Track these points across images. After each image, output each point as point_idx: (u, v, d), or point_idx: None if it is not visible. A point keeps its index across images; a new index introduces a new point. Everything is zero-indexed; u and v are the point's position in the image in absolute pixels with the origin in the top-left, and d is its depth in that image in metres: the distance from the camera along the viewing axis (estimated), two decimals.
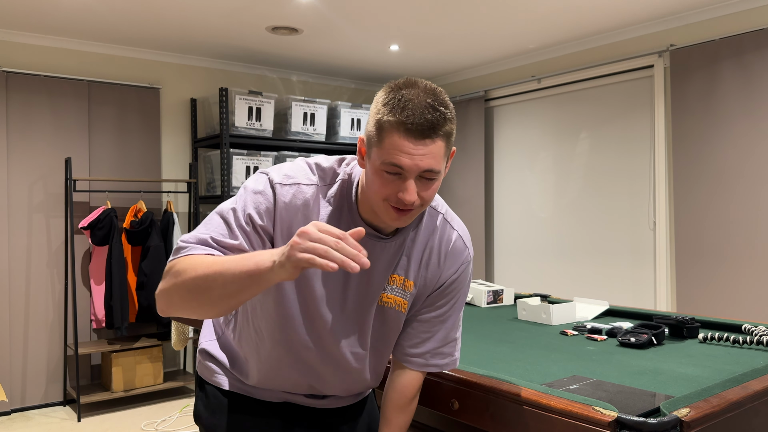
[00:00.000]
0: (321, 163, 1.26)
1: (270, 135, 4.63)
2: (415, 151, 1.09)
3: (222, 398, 1.37)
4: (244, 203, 1.20)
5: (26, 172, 4.14)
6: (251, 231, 1.18)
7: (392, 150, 1.09)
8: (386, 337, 1.35)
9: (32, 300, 4.16)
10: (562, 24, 4.01)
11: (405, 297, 1.31)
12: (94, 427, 3.83)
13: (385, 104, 1.11)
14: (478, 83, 5.25)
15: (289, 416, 1.39)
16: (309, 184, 1.22)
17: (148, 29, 4.05)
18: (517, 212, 4.99)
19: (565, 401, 1.20)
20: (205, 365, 1.41)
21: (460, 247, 1.33)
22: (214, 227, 1.18)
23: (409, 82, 1.13)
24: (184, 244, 1.16)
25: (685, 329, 1.96)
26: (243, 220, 1.18)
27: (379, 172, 1.12)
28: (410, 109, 1.08)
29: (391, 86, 1.14)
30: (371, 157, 1.14)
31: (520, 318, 2.35)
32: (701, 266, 3.73)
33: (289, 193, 1.20)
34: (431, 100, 1.10)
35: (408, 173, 1.11)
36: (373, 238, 1.24)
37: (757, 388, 1.32)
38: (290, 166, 1.25)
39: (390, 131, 1.09)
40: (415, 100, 1.09)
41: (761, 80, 3.48)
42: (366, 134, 1.16)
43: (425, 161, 1.10)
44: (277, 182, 1.21)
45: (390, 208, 1.15)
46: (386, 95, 1.13)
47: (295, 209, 1.20)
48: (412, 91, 1.11)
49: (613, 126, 4.33)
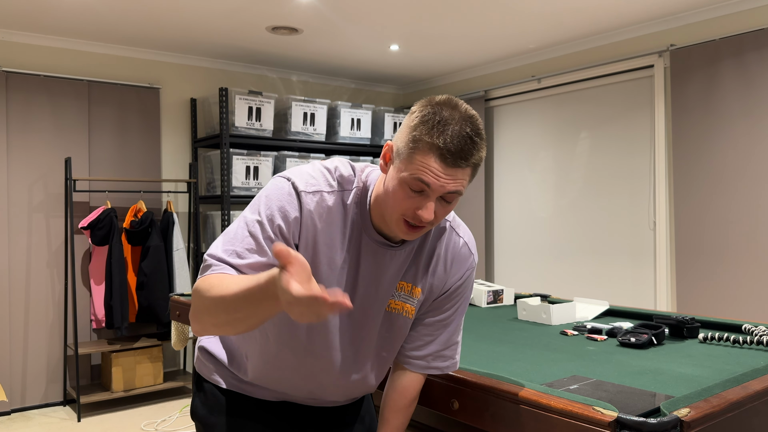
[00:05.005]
0: (340, 168, 1.24)
1: (270, 135, 4.63)
2: (444, 176, 1.10)
3: (220, 396, 1.37)
4: (269, 213, 1.16)
5: (26, 172, 4.14)
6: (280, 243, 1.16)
7: (422, 168, 1.10)
8: (392, 343, 1.35)
9: (32, 300, 4.16)
10: (562, 24, 4.00)
11: (413, 303, 1.32)
12: (94, 427, 3.83)
13: (423, 121, 1.10)
14: (478, 83, 5.25)
15: (286, 415, 1.39)
16: (330, 191, 1.21)
17: (148, 29, 4.05)
18: (517, 212, 4.99)
19: (565, 401, 1.19)
20: (203, 362, 1.41)
21: (466, 254, 1.35)
22: (239, 242, 1.14)
23: (450, 102, 1.12)
24: (211, 262, 1.13)
25: (685, 329, 1.96)
26: (272, 232, 1.15)
27: (402, 185, 1.12)
28: (449, 135, 1.08)
29: (431, 102, 1.13)
30: (397, 167, 1.14)
31: (520, 318, 2.35)
32: (701, 266, 3.73)
33: (314, 201, 1.19)
34: (470, 130, 1.10)
35: (432, 193, 1.12)
36: (383, 246, 1.25)
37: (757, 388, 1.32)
38: (310, 172, 1.22)
39: (424, 150, 1.09)
40: (454, 127, 1.09)
41: (761, 80, 3.48)
42: (396, 143, 1.15)
43: (451, 186, 1.11)
44: (302, 190, 1.18)
45: (403, 222, 1.15)
46: (425, 110, 1.11)
47: (319, 217, 1.19)
48: (452, 115, 1.10)
49: (613, 126, 4.33)
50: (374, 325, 1.30)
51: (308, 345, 1.27)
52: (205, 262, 1.15)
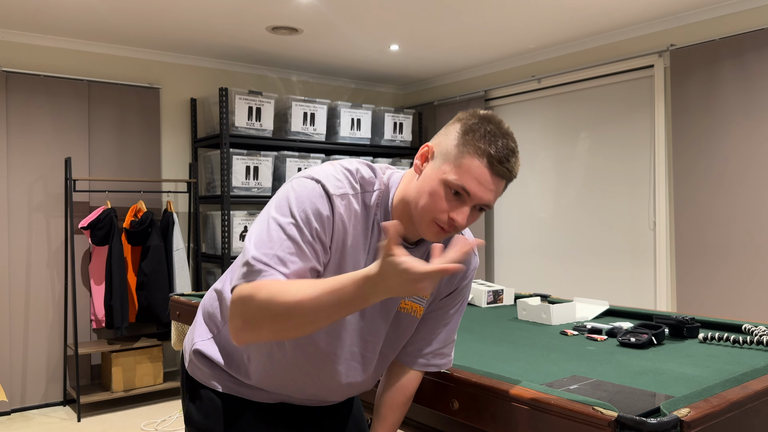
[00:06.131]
0: (361, 170, 1.24)
1: (270, 135, 4.63)
2: (488, 183, 1.14)
3: (216, 400, 1.34)
4: (305, 215, 1.14)
5: (26, 172, 4.14)
6: (319, 246, 1.15)
7: (469, 173, 1.13)
8: (397, 342, 1.36)
9: (32, 300, 4.16)
10: (562, 24, 4.01)
11: (422, 303, 1.34)
12: (94, 427, 3.83)
13: (473, 129, 1.14)
14: (478, 83, 5.25)
15: (283, 416, 1.38)
16: (354, 194, 1.21)
17: (148, 29, 4.05)
18: (517, 212, 4.99)
19: (565, 401, 1.19)
20: (198, 367, 1.37)
21: (471, 255, 1.37)
22: (278, 245, 1.11)
23: (494, 118, 1.17)
24: (260, 267, 1.08)
25: (685, 329, 1.96)
26: (310, 236, 1.13)
27: (444, 187, 1.14)
28: (499, 146, 1.14)
29: (477, 114, 1.17)
30: (440, 168, 1.15)
31: (520, 318, 2.35)
32: (701, 266, 3.73)
33: (342, 205, 1.18)
34: (513, 146, 1.16)
35: (471, 200, 1.14)
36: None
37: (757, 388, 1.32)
38: (335, 174, 1.20)
39: (474, 156, 1.13)
40: (502, 139, 1.14)
41: (761, 80, 3.48)
42: (440, 145, 1.18)
43: (489, 196, 1.15)
44: (333, 193, 1.17)
45: (434, 225, 1.16)
46: (472, 120, 1.16)
47: (348, 220, 1.19)
48: (498, 129, 1.15)
49: (613, 126, 4.33)
50: (385, 325, 1.31)
51: (321, 345, 1.27)
52: (251, 267, 1.10)
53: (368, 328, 1.30)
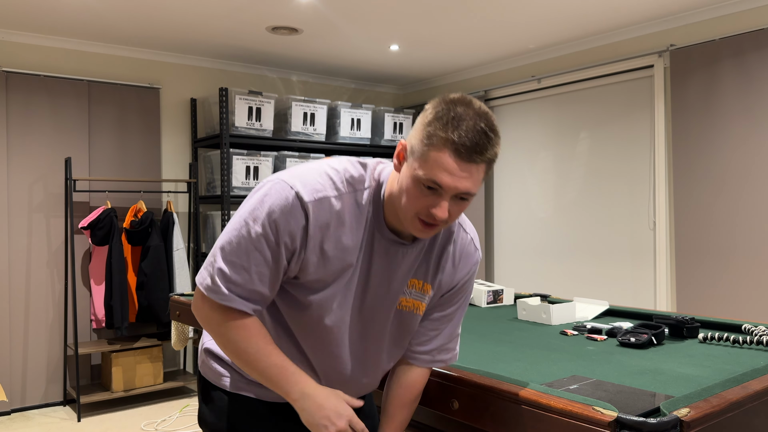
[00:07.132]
0: (349, 169, 1.22)
1: (270, 135, 4.63)
2: (459, 172, 1.10)
3: (227, 401, 1.36)
4: (275, 227, 1.15)
5: (26, 172, 4.14)
6: (282, 258, 1.17)
7: (436, 166, 1.10)
8: (401, 340, 1.36)
9: (32, 300, 4.16)
10: (562, 24, 4.01)
11: (423, 300, 1.33)
12: (94, 427, 3.83)
13: (437, 118, 1.10)
14: (478, 83, 5.25)
15: (291, 415, 1.38)
16: (337, 195, 1.19)
17: (148, 29, 4.05)
18: (517, 212, 5.00)
19: (565, 401, 1.19)
20: (209, 366, 1.39)
21: (472, 250, 1.37)
22: (244, 254, 1.16)
23: (463, 100, 1.12)
24: (222, 288, 1.18)
25: (685, 329, 1.96)
26: (275, 245, 1.16)
27: (416, 183, 1.12)
28: (463, 129, 1.08)
29: (444, 100, 1.13)
30: (411, 165, 1.13)
31: (520, 318, 2.35)
32: (701, 266, 3.73)
33: (319, 209, 1.16)
34: (484, 125, 1.10)
35: (446, 192, 1.11)
36: (396, 244, 1.25)
37: (757, 388, 1.32)
38: (314, 177, 1.18)
39: (438, 147, 1.09)
40: (469, 122, 1.09)
41: (761, 80, 3.48)
42: (410, 142, 1.15)
43: (465, 183, 1.11)
44: (308, 200, 1.15)
45: (417, 221, 1.15)
46: (439, 107, 1.12)
47: (327, 224, 1.18)
48: (466, 111, 1.10)
49: (613, 126, 4.33)
50: (385, 323, 1.31)
51: (325, 344, 1.27)
52: (216, 284, 1.18)
53: (368, 327, 1.30)
